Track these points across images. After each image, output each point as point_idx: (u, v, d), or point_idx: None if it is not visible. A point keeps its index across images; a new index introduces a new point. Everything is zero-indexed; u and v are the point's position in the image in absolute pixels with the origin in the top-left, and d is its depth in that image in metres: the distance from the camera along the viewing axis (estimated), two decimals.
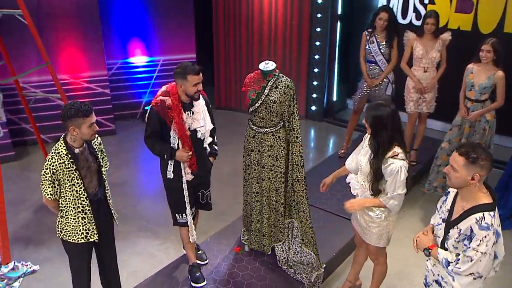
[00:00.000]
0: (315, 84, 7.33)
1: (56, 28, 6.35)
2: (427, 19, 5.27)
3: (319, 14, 6.91)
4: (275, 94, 3.68)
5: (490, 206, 2.52)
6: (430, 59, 5.36)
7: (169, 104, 3.49)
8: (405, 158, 3.15)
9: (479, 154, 2.50)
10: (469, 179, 2.52)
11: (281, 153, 3.87)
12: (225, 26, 7.43)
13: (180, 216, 3.83)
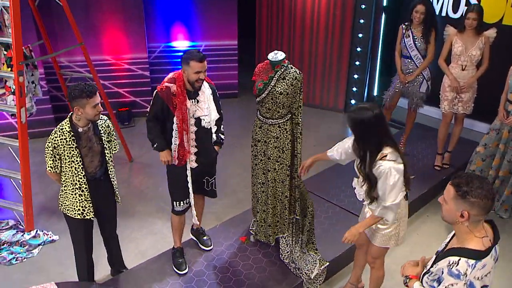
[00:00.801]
0: (356, 77, 7.11)
1: (101, 9, 6.56)
2: (469, 13, 4.91)
3: (363, 5, 6.68)
4: (282, 85, 3.62)
5: (475, 253, 2.11)
6: (469, 57, 5.00)
7: (174, 90, 3.49)
8: (395, 159, 2.96)
9: (471, 188, 2.09)
10: (458, 216, 2.15)
11: (287, 146, 3.81)
12: (268, 14, 7.37)
13: (177, 204, 3.87)
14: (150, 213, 5.06)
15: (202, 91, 3.61)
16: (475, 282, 2.08)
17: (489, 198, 2.09)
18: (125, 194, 5.36)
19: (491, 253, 2.15)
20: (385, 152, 2.95)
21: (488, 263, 2.12)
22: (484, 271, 2.11)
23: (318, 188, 5.11)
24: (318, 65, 7.28)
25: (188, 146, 3.65)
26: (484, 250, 2.12)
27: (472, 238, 2.16)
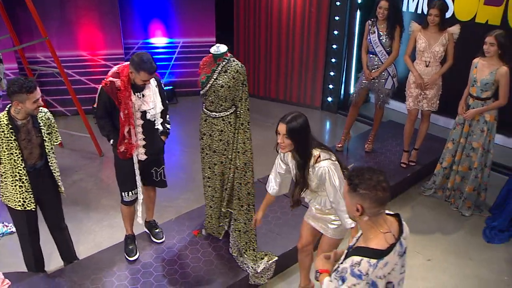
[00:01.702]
0: (332, 74, 7.09)
1: (76, 5, 6.62)
2: (430, 9, 4.89)
3: (338, 2, 6.66)
4: (224, 78, 3.62)
5: (376, 253, 2.06)
6: (432, 53, 4.98)
7: (118, 85, 3.47)
8: (329, 156, 2.97)
9: (361, 180, 2.06)
10: (354, 210, 2.12)
11: (231, 139, 3.80)
12: (245, 11, 7.38)
13: (126, 194, 3.89)
14: (113, 206, 5.09)
15: (148, 86, 3.61)
16: (377, 281, 2.05)
17: (378, 189, 2.05)
18: (91, 188, 5.42)
19: (395, 249, 2.11)
20: (315, 153, 2.97)
21: (391, 261, 2.09)
22: (387, 269, 2.08)
23: None
24: (295, 63, 7.28)
25: (135, 140, 3.67)
26: (385, 249, 2.09)
27: (376, 234, 2.12)
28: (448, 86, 5.29)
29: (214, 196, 4.03)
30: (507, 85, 4.44)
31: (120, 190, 3.91)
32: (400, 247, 2.15)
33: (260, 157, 5.96)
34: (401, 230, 2.18)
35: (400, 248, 2.15)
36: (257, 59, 7.59)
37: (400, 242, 2.15)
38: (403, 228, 2.20)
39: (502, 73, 4.39)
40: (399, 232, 2.17)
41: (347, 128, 5.85)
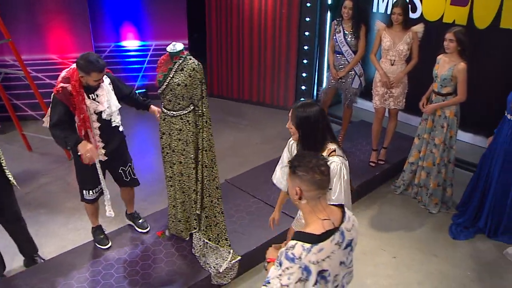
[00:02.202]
0: (304, 75, 7.11)
1: (45, 8, 6.57)
2: (394, 8, 4.93)
3: (308, 3, 6.68)
4: (180, 76, 3.60)
5: (310, 237, 2.06)
6: (397, 52, 5.02)
7: (70, 90, 3.42)
8: (342, 155, 2.88)
9: (300, 163, 2.08)
10: (294, 194, 2.12)
11: (191, 138, 3.78)
12: (217, 13, 7.37)
13: (86, 192, 3.90)
14: (78, 209, 5.01)
15: (101, 85, 3.58)
16: (310, 266, 2.02)
17: (316, 172, 2.05)
18: (57, 191, 5.35)
19: (333, 238, 2.09)
20: (332, 147, 2.84)
21: (327, 248, 2.07)
22: (321, 255, 2.05)
23: (246, 184, 5.09)
24: (268, 64, 7.28)
25: (94, 142, 3.64)
26: (319, 234, 2.07)
27: (314, 220, 2.12)
28: (418, 86, 5.31)
29: (176, 197, 3.99)
30: (465, 81, 4.47)
31: (80, 188, 3.92)
32: (341, 238, 2.13)
33: (231, 158, 5.97)
34: (343, 221, 2.17)
35: (340, 238, 2.13)
36: (230, 62, 7.58)
37: (341, 232, 2.14)
38: (345, 219, 2.19)
39: (460, 69, 4.43)
40: (341, 222, 2.16)
41: None
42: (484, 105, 5.72)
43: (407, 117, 6.44)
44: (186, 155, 3.82)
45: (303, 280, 2.02)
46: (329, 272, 2.09)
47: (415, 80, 5.62)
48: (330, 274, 2.10)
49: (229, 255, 3.96)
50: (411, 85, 5.37)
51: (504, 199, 4.40)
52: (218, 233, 4.00)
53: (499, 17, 5.60)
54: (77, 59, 3.39)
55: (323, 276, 2.08)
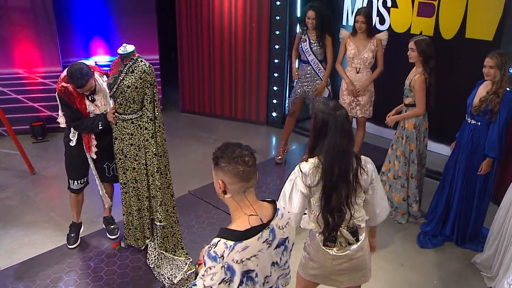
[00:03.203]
0: (275, 89, 7.06)
1: (10, 21, 6.48)
2: (357, 16, 4.96)
3: (277, 16, 6.68)
4: (131, 78, 3.49)
5: (233, 234, 1.89)
6: (362, 60, 5.01)
7: (71, 90, 3.63)
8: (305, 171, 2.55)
9: (222, 154, 1.92)
10: (218, 188, 1.96)
11: (143, 143, 3.65)
12: (187, 28, 7.34)
13: (72, 182, 4.02)
14: (37, 223, 4.84)
15: (98, 89, 3.76)
16: (234, 266, 1.85)
17: (238, 162, 1.90)
18: (16, 206, 5.16)
19: (261, 235, 1.93)
20: (311, 160, 2.59)
21: (253, 246, 1.90)
22: (246, 254, 1.87)
23: (209, 196, 4.94)
24: (239, 78, 7.23)
25: (89, 139, 3.87)
26: (243, 230, 1.91)
27: (240, 216, 1.96)
28: (388, 98, 5.32)
29: (131, 203, 3.85)
30: (421, 93, 4.35)
31: (68, 177, 4.03)
32: (271, 235, 1.97)
33: (197, 171, 5.83)
34: (274, 217, 2.01)
35: (269, 236, 1.96)
36: (201, 77, 7.52)
37: (271, 229, 1.97)
38: (276, 215, 2.02)
39: (416, 80, 4.34)
40: (271, 219, 2.00)
41: (284, 140, 5.76)
42: (453, 114, 5.68)
43: (381, 130, 6.41)
44: (139, 160, 3.69)
45: (227, 280, 1.85)
46: (256, 272, 1.92)
47: (384, 91, 5.61)
48: (257, 275, 1.93)
49: (186, 266, 3.80)
50: (381, 96, 5.35)
51: (469, 204, 4.31)
52: (175, 243, 3.86)
53: (464, 27, 5.63)
54: (70, 66, 3.61)
55: (250, 277, 1.90)
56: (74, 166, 3.98)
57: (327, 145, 2.52)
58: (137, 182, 3.77)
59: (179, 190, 5.08)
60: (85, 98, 3.72)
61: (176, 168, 5.66)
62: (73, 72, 3.53)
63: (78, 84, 3.56)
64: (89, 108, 3.75)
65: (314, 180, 2.56)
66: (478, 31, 5.52)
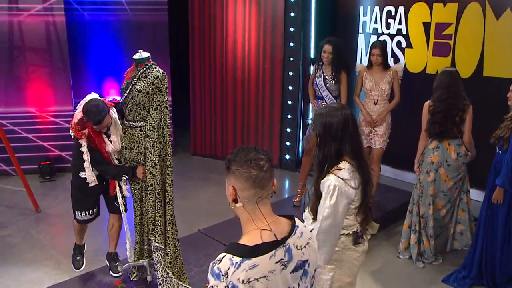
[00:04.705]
0: (289, 131, 6.93)
1: (26, 61, 6.53)
2: (372, 50, 4.98)
3: (291, 58, 6.66)
4: (143, 83, 3.43)
5: (242, 249, 1.66)
6: (380, 91, 5.02)
7: (89, 134, 3.61)
8: (346, 178, 2.49)
9: (236, 156, 1.73)
10: (229, 195, 1.76)
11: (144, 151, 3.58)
12: (200, 70, 7.35)
13: (79, 213, 3.92)
14: (37, 261, 4.60)
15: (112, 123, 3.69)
16: (239, 286, 1.61)
17: (251, 166, 1.69)
18: (16, 243, 4.94)
19: (273, 254, 1.68)
20: (341, 166, 2.52)
21: (263, 265, 1.65)
22: (254, 273, 1.63)
23: (219, 234, 4.71)
24: (251, 120, 7.13)
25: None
26: (252, 245, 1.66)
27: (251, 230, 1.73)
28: (403, 137, 5.20)
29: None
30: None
31: (74, 208, 3.93)
32: (286, 256, 1.72)
33: (207, 211, 5.61)
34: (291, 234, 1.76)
35: (285, 256, 1.72)
36: (213, 120, 7.44)
37: (287, 248, 1.72)
38: (294, 232, 1.77)
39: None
40: (286, 236, 1.75)
41: (302, 181, 5.54)
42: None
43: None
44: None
45: None
46: None
47: (401, 132, 5.47)
48: None
49: None
50: (395, 137, 5.22)
51: (493, 242, 3.95)
52: (180, 266, 3.69)
53: (481, 66, 5.53)
54: (85, 103, 3.59)
55: None
56: (82, 197, 3.88)
57: (352, 144, 2.55)
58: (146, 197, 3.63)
59: (188, 229, 4.90)
60: (103, 138, 3.66)
61: (186, 208, 5.51)
62: (90, 109, 3.50)
63: (96, 121, 3.49)
64: (107, 148, 3.70)
65: (356, 181, 2.54)
66: (496, 69, 5.41)
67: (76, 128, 3.60)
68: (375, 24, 6.44)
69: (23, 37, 6.45)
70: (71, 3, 6.76)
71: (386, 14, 6.28)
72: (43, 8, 6.40)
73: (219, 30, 7.02)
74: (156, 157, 3.48)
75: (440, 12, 5.76)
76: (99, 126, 3.55)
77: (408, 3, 6.05)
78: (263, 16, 6.70)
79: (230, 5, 6.87)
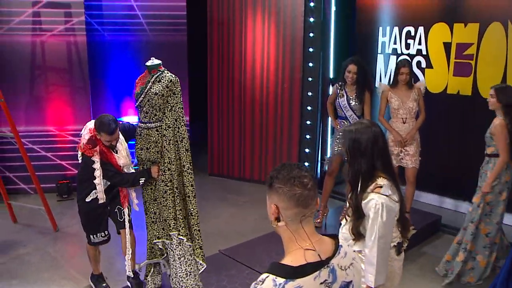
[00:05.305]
0: (307, 151, 6.86)
1: (47, 81, 6.59)
2: (402, 68, 4.91)
3: (310, 78, 6.64)
4: (158, 87, 3.69)
5: (285, 270, 1.61)
6: (407, 110, 4.96)
7: (101, 150, 3.81)
8: (389, 193, 2.52)
9: (278, 174, 1.68)
10: (271, 214, 1.71)
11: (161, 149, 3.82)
12: (218, 91, 7.35)
13: (93, 236, 4.08)
14: (55, 280, 4.54)
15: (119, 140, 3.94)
16: None
17: (295, 184, 1.64)
18: (35, 262, 4.89)
19: (318, 274, 1.63)
20: (380, 183, 2.53)
21: (308, 286, 1.59)
22: None
23: (241, 255, 4.64)
24: (269, 140, 7.09)
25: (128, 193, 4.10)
26: (296, 266, 1.61)
27: (294, 249, 1.68)
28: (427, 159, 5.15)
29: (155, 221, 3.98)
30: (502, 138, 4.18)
31: (88, 233, 4.09)
32: (330, 277, 1.66)
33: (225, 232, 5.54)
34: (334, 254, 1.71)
35: (329, 277, 1.66)
36: (231, 140, 7.41)
37: (331, 269, 1.67)
38: (338, 252, 1.72)
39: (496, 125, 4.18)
40: (330, 256, 1.70)
41: (324, 201, 5.46)
42: None
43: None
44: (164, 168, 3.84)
45: None
46: None
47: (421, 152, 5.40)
48: None
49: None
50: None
51: None
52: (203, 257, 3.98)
53: None
54: (95, 119, 3.80)
55: None
56: (94, 219, 4.06)
57: (383, 159, 2.58)
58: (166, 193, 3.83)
59: (208, 250, 4.80)
60: (112, 152, 3.88)
61: (204, 228, 5.38)
62: (103, 121, 3.73)
63: (111, 129, 3.71)
64: (119, 161, 3.92)
65: (396, 195, 2.57)
66: None
67: (87, 147, 3.78)
68: (394, 44, 6.42)
69: (44, 57, 6.52)
70: (92, 23, 6.85)
71: (405, 34, 6.27)
72: (65, 28, 6.48)
73: (237, 49, 7.05)
74: (172, 154, 3.74)
75: (461, 32, 5.73)
76: (113, 137, 3.76)
77: (428, 24, 6.03)
78: (282, 37, 6.73)
79: (249, 25, 6.91)
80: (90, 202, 3.98)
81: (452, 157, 5.93)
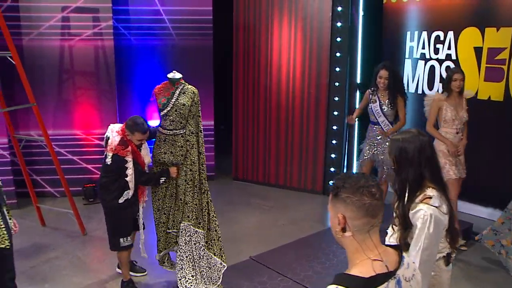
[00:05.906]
0: (333, 157, 6.80)
1: (75, 85, 6.63)
2: (455, 74, 4.76)
3: (337, 83, 6.59)
4: (184, 98, 4.09)
5: (356, 281, 1.58)
6: (460, 120, 4.81)
7: (133, 150, 4.06)
8: (439, 204, 2.46)
9: (344, 183, 1.65)
10: (336, 224, 1.67)
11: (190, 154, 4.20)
12: (244, 95, 7.32)
13: (124, 240, 4.20)
14: (85, 285, 4.54)
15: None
16: None
17: (364, 193, 1.62)
18: (65, 266, 4.90)
19: (387, 286, 1.61)
20: (429, 194, 2.48)
21: None
22: None
23: (272, 262, 4.58)
24: (295, 146, 7.04)
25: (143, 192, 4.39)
26: (368, 277, 1.58)
27: (361, 260, 1.65)
28: None
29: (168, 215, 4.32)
30: None
31: (118, 237, 4.20)
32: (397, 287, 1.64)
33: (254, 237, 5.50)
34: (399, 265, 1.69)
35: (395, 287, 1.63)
36: (255, 145, 7.38)
37: (397, 280, 1.65)
38: (402, 264, 1.70)
39: None
40: (397, 267, 1.68)
41: None
42: None
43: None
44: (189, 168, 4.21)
45: None
46: None
47: None
48: None
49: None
50: None
51: None
52: (220, 248, 4.27)
53: None
54: (127, 120, 4.08)
55: None
56: (125, 223, 4.23)
57: (432, 168, 2.54)
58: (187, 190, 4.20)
59: (236, 256, 4.80)
60: (140, 152, 4.16)
61: (230, 234, 5.38)
62: (136, 121, 4.05)
63: (145, 128, 4.06)
64: (146, 160, 4.24)
65: (445, 206, 2.52)
66: None
67: (120, 148, 3.98)
68: (423, 49, 6.35)
69: (72, 61, 6.57)
70: (119, 28, 6.89)
71: (434, 39, 6.19)
72: (93, 33, 6.51)
73: (263, 54, 7.03)
74: (195, 157, 4.18)
75: (493, 37, 5.64)
76: (145, 136, 4.08)
77: (458, 28, 5.95)
78: (308, 41, 6.69)
79: (276, 30, 6.88)
80: (123, 203, 4.11)
81: (482, 164, 5.83)
